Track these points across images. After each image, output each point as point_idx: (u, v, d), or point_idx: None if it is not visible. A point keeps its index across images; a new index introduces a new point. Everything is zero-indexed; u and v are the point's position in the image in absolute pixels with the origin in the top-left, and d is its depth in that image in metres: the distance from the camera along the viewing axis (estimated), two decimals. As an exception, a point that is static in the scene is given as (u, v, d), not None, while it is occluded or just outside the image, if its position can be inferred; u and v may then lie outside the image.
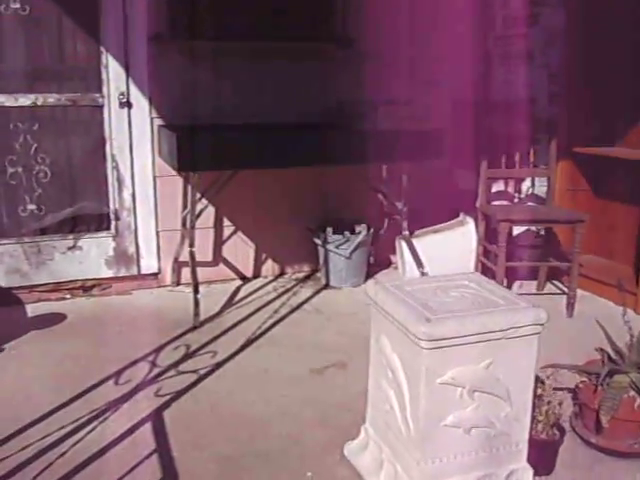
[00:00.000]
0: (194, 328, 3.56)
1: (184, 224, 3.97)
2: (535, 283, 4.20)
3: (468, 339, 2.00)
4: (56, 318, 3.71)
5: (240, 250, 4.27)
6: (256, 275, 4.35)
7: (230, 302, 3.94)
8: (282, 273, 4.41)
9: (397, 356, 2.14)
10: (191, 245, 3.67)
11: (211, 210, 4.09)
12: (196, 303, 3.59)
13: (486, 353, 2.04)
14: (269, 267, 4.36)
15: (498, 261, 3.68)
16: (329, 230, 4.09)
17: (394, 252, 4.50)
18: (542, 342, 2.10)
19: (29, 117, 3.85)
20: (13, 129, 3.84)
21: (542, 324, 2.08)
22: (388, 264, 4.59)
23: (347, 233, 4.07)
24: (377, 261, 4.38)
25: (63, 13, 3.81)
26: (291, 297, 4.02)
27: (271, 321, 3.66)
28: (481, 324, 2.01)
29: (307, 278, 4.36)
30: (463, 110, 4.41)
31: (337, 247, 4.09)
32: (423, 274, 4.00)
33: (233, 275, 4.29)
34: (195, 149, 3.39)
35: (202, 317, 3.63)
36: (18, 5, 3.73)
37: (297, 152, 3.57)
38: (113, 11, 3.80)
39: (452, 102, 4.50)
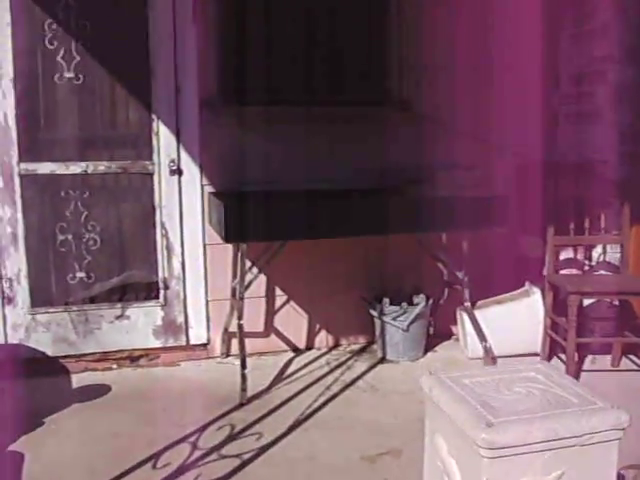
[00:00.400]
0: (241, 405, 3.35)
1: (234, 294, 3.80)
2: (609, 358, 3.84)
3: (535, 447, 1.73)
4: (100, 390, 3.56)
5: (292, 320, 4.06)
6: (309, 347, 4.12)
7: (280, 376, 3.72)
8: (336, 345, 4.17)
9: (454, 461, 1.87)
10: (239, 317, 3.49)
11: (262, 279, 3.91)
12: (243, 378, 3.39)
13: (556, 463, 1.76)
14: (323, 338, 4.14)
15: (568, 337, 3.36)
16: (385, 301, 3.85)
17: (454, 322, 4.22)
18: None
19: (80, 184, 3.78)
20: (64, 196, 3.77)
21: (623, 428, 1.79)
22: (449, 335, 4.31)
23: (404, 304, 3.82)
24: (437, 332, 4.11)
25: (115, 81, 3.76)
26: (345, 372, 3.78)
27: (322, 399, 3.42)
28: (551, 430, 1.74)
29: (362, 350, 4.11)
30: (528, 173, 4.15)
31: (394, 319, 3.84)
32: (486, 349, 3.70)
33: (285, 346, 4.08)
34: (243, 219, 3.23)
35: (250, 393, 3.42)
36: (72, 74, 3.70)
37: (351, 221, 3.38)
38: (164, 77, 3.73)
39: (516, 165, 4.25)
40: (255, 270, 3.73)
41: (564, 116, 4.17)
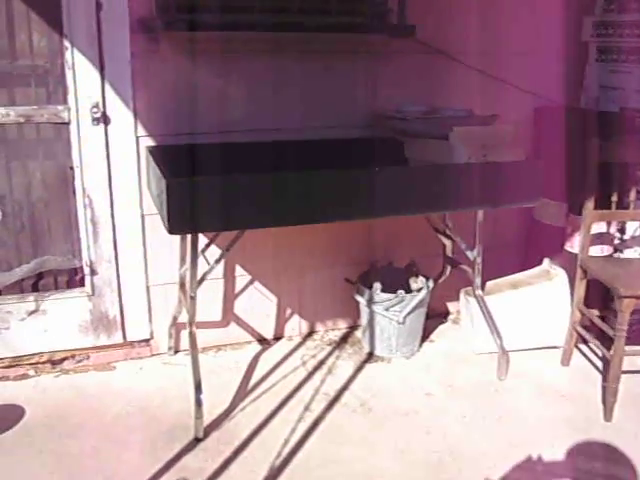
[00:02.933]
0: (196, 441, 2.42)
1: (182, 285, 2.79)
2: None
3: None
4: (9, 416, 2.58)
5: (257, 305, 3.10)
6: (278, 336, 3.18)
7: (244, 386, 2.79)
8: (311, 332, 3.24)
9: None
10: (191, 323, 2.50)
11: (217, 253, 2.88)
12: (198, 404, 2.45)
13: None
14: (295, 325, 3.20)
15: (615, 348, 2.50)
16: (376, 287, 2.91)
17: (450, 299, 3.33)
18: None
19: (-31, 136, 2.65)
20: (-52, 154, 2.64)
21: None
22: (444, 314, 3.43)
23: (401, 292, 2.89)
24: (430, 311, 3.19)
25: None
26: (326, 377, 2.87)
27: (302, 427, 2.51)
28: None
29: (344, 340, 3.20)
30: (548, 122, 3.18)
31: (387, 309, 2.91)
32: (501, 348, 2.83)
33: (248, 337, 3.13)
34: (193, 201, 2.18)
35: (207, 415, 2.50)
36: (-55, -20, 2.49)
37: (343, 198, 2.37)
38: (80, -11, 2.55)
39: (535, 111, 3.26)
40: (211, 257, 2.71)
41: (599, 51, 3.17)
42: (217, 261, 2.56)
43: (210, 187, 2.22)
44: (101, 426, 2.52)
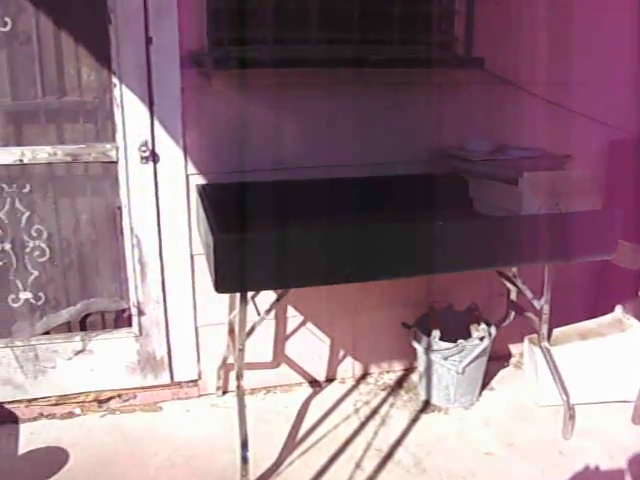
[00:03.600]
0: (242, 502, 2.29)
1: (231, 330, 2.66)
2: None
3: None
4: (54, 460, 2.50)
5: (309, 346, 2.94)
6: (330, 378, 3.02)
7: (293, 436, 2.64)
8: (365, 374, 3.07)
9: None
10: (238, 376, 2.36)
11: (271, 295, 2.72)
12: (244, 461, 2.32)
13: None
14: (348, 367, 3.03)
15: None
16: (435, 335, 2.71)
17: (513, 340, 3.11)
18: None
19: (17, 176, 2.55)
20: (-4, 193, 2.55)
21: None
22: (505, 357, 3.20)
23: (461, 341, 2.68)
24: (490, 354, 2.96)
25: (59, 29, 2.46)
26: (379, 428, 2.69)
27: (353, 490, 2.35)
28: None
29: (399, 385, 3.01)
30: (627, 157, 2.91)
31: (445, 358, 2.71)
32: (567, 404, 2.61)
33: (299, 378, 2.98)
34: (243, 261, 2.02)
35: (254, 469, 2.37)
36: (-6, 16, 2.39)
37: (397, 256, 2.18)
38: (128, 21, 2.42)
39: (609, 144, 2.99)
40: (261, 303, 2.56)
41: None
42: (267, 311, 2.42)
43: (261, 243, 2.06)
44: (145, 477, 2.40)
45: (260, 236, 2.08)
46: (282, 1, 2.40)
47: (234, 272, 2.02)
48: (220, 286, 2.03)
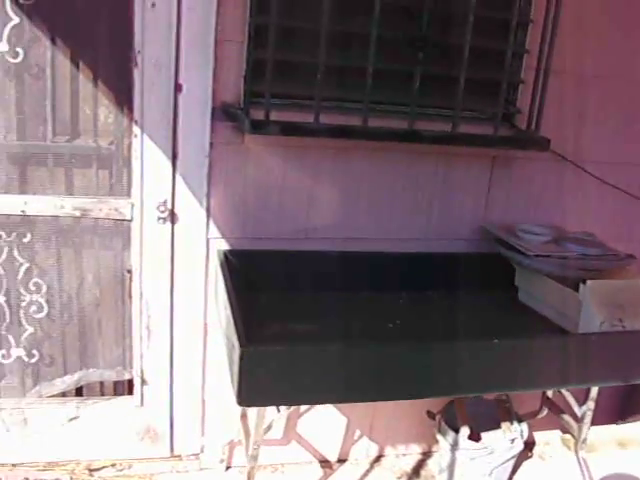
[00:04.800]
0: None
1: (244, 415, 2.35)
2: None
3: None
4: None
5: (323, 425, 2.64)
6: (343, 459, 2.73)
7: (302, 533, 2.36)
8: (380, 456, 2.78)
9: None
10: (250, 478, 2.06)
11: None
12: None
13: None
14: (362, 448, 2.74)
15: None
16: (464, 433, 2.42)
17: (539, 428, 2.83)
18: None
19: (17, 224, 2.22)
20: (-8, 239, 2.22)
21: None
22: (530, 445, 2.92)
23: (491, 445, 2.40)
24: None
25: (76, 64, 2.12)
26: (394, 530, 2.41)
27: None
28: None
29: (416, 473, 2.73)
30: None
31: (473, 459, 2.43)
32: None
33: (310, 457, 2.68)
34: (271, 374, 1.72)
35: None
36: (5, 46, 2.05)
37: (440, 374, 1.88)
38: (156, 65, 2.10)
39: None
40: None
41: None
42: (288, 407, 2.11)
43: (295, 356, 1.75)
44: None
45: (294, 348, 1.76)
46: (331, 56, 2.05)
47: (261, 386, 1.71)
48: (244, 400, 1.73)
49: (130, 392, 2.42)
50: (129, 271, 2.25)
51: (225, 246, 2.29)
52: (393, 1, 2.11)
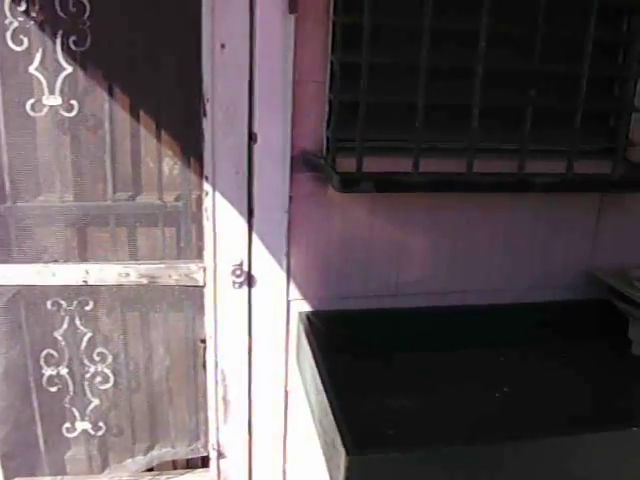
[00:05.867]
0: None
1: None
2: None
3: None
4: None
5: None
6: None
7: None
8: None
9: None
10: None
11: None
12: None
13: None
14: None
15: None
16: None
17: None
18: None
19: (77, 291, 1.97)
20: (52, 309, 1.98)
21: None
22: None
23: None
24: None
25: (136, 115, 1.85)
26: None
27: None
28: None
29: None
30: None
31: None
32: None
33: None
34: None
35: None
36: (59, 100, 1.79)
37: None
38: (228, 114, 1.82)
39: None
40: None
41: None
42: None
43: (409, 462, 1.48)
44: None
45: (410, 454, 1.49)
46: (429, 95, 1.75)
47: None
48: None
49: (205, 465, 2.17)
50: (202, 341, 1.99)
51: (307, 308, 2.02)
52: (500, 32, 1.79)
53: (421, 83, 1.69)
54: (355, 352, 1.97)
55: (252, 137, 1.85)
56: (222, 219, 1.90)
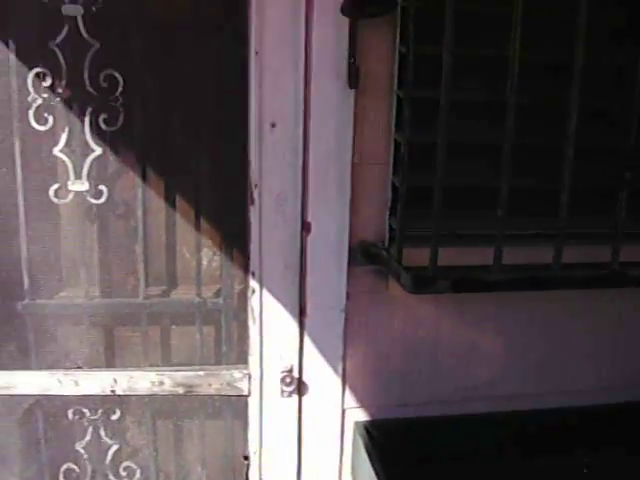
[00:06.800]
0: None
1: None
2: None
3: None
4: None
5: None
6: None
7: None
8: None
9: None
10: None
11: None
12: None
13: None
14: None
15: None
16: None
17: None
18: None
19: (103, 400, 1.69)
20: (73, 419, 1.70)
21: None
22: None
23: None
24: None
25: (169, 198, 1.61)
26: None
27: None
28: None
29: None
30: None
31: None
32: None
33: None
34: None
35: None
36: (85, 185, 1.55)
37: None
38: (280, 206, 1.57)
39: None
40: None
41: None
42: None
43: None
44: None
45: None
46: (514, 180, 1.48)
47: None
48: None
49: None
50: (246, 457, 1.70)
51: (364, 417, 1.74)
52: (590, 108, 1.53)
53: (505, 165, 1.43)
54: (419, 465, 1.69)
55: (305, 227, 1.60)
56: (270, 319, 1.63)
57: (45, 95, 1.55)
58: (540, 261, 1.54)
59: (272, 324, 1.63)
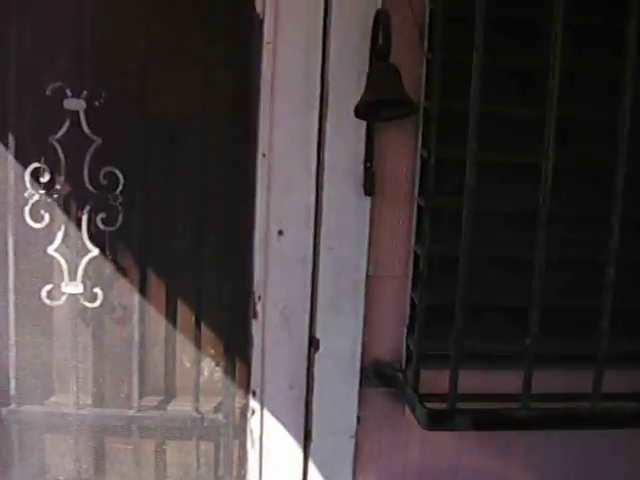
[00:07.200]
0: None
1: None
2: None
3: None
4: None
5: None
6: None
7: None
8: None
9: None
10: None
11: None
12: None
13: None
14: None
15: None
16: None
17: None
18: None
19: None
20: None
21: None
22: None
23: None
24: None
25: (170, 302, 1.48)
26: None
27: None
28: None
29: None
30: None
31: None
32: None
33: None
34: None
35: None
36: (79, 287, 1.46)
37: None
38: (286, 318, 1.41)
39: None
40: None
41: None
42: None
43: None
44: None
45: None
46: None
47: None
48: None
49: None
50: None
51: None
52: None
53: (536, 296, 1.24)
54: None
55: (313, 344, 1.44)
56: (271, 443, 1.46)
57: (42, 191, 1.45)
58: (579, 386, 1.34)
59: (273, 449, 1.47)
